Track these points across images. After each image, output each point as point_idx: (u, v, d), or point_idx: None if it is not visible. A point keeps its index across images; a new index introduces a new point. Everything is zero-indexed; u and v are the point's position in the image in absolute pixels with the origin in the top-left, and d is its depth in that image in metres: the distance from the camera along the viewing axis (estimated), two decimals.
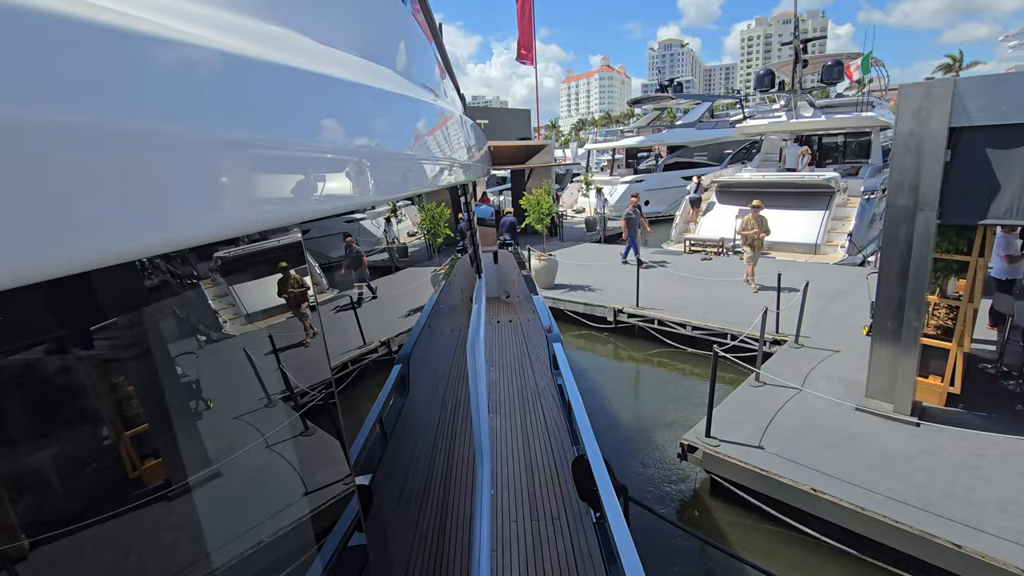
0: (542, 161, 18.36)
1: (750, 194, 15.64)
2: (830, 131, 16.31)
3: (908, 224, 5.15)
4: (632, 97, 29.50)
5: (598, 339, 9.95)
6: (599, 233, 18.31)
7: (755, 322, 7.72)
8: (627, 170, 25.34)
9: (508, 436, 4.15)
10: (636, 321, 9.46)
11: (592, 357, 9.60)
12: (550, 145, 18.55)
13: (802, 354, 7.23)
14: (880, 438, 5.17)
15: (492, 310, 7.47)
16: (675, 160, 24.10)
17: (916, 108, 5.00)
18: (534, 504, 3.36)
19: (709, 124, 25.10)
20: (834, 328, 7.94)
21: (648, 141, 24.56)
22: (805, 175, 14.52)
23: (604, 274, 11.81)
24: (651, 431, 6.86)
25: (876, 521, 4.13)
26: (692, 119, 24.92)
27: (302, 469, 0.89)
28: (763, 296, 9.58)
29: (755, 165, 17.50)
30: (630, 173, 24.48)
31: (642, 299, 9.57)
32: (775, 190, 14.82)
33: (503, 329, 6.60)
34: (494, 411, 4.49)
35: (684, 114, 26.71)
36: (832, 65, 15.33)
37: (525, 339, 6.20)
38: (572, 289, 11.08)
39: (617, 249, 16.04)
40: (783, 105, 16.56)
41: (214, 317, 0.75)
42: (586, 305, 10.17)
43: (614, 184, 23.33)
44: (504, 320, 6.87)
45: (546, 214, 10.84)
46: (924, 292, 5.16)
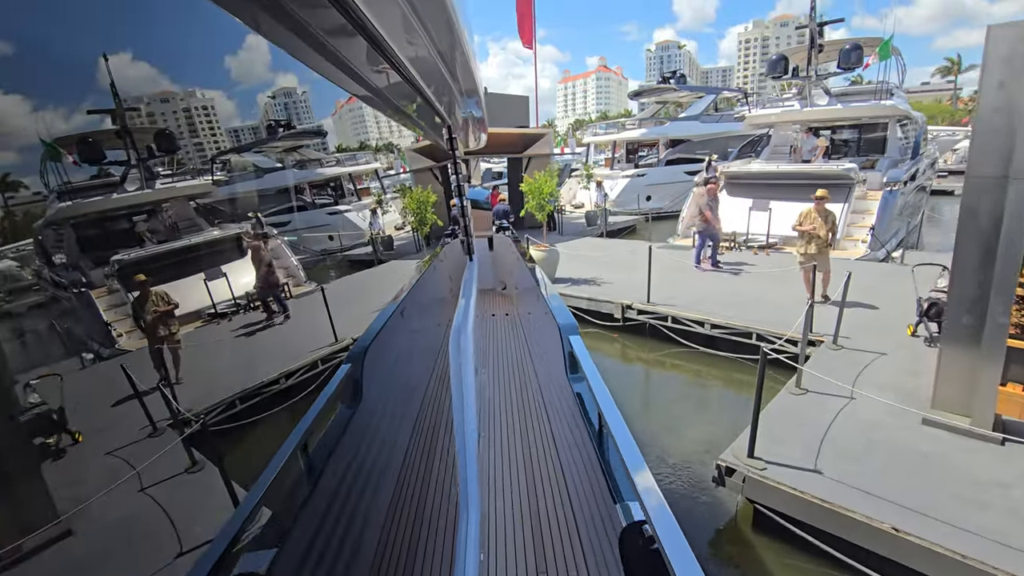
0: (540, 151, 17.39)
1: (761, 186, 14.77)
2: (845, 121, 15.41)
3: (996, 198, 4.21)
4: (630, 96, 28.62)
5: (604, 338, 8.98)
6: (600, 227, 17.36)
7: (786, 321, 6.79)
8: (627, 165, 24.42)
9: (504, 471, 2.94)
10: (647, 318, 8.50)
11: (597, 358, 8.62)
12: (549, 135, 17.57)
13: (842, 357, 6.29)
14: (958, 458, 4.23)
15: (486, 303, 6.50)
16: (678, 155, 23.20)
17: (1009, 54, 4.07)
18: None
19: (713, 117, 24.21)
20: (873, 327, 7.01)
21: (651, 134, 23.64)
22: (822, 166, 13.61)
23: (609, 267, 10.86)
24: (666, 445, 5.90)
25: (984, 574, 3.18)
26: (696, 112, 24.01)
27: None
28: (785, 291, 8.65)
29: (764, 158, 16.60)
30: (631, 167, 23.56)
31: (653, 294, 8.61)
32: (789, 182, 13.93)
33: (498, 324, 5.61)
34: (486, 434, 3.40)
35: (681, 109, 25.83)
36: (851, 49, 14.45)
37: (525, 335, 5.21)
38: (575, 283, 10.11)
39: (621, 244, 15.10)
40: (795, 94, 15.66)
41: None
42: (591, 300, 9.20)
43: (615, 178, 22.40)
44: (500, 314, 5.89)
45: (547, 200, 9.86)
46: (1015, 280, 4.22)
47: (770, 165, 14.56)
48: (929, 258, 9.62)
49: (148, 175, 12.91)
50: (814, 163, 14.57)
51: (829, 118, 15.13)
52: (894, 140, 15.52)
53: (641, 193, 21.72)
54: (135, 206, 12.31)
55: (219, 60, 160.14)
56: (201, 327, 10.17)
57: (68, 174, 12.63)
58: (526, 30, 19.05)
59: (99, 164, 12.92)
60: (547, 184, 9.71)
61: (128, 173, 12.15)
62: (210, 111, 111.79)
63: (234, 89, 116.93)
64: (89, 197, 11.83)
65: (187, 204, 13.10)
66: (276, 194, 18.82)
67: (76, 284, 10.49)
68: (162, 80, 69.21)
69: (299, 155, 21.77)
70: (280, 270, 12.70)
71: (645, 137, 23.89)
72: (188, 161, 9.57)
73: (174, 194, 13.00)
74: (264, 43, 2.21)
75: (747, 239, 12.91)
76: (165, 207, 12.63)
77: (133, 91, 23.21)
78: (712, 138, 23.70)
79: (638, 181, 22.24)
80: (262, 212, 18.38)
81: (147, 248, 11.63)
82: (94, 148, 12.00)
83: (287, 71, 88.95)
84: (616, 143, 25.07)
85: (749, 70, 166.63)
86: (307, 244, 15.95)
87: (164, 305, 6.62)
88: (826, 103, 15.08)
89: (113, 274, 10.52)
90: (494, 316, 5.74)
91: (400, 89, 1.93)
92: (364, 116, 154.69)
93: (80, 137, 12.37)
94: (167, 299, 6.67)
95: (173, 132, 13.80)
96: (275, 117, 64.64)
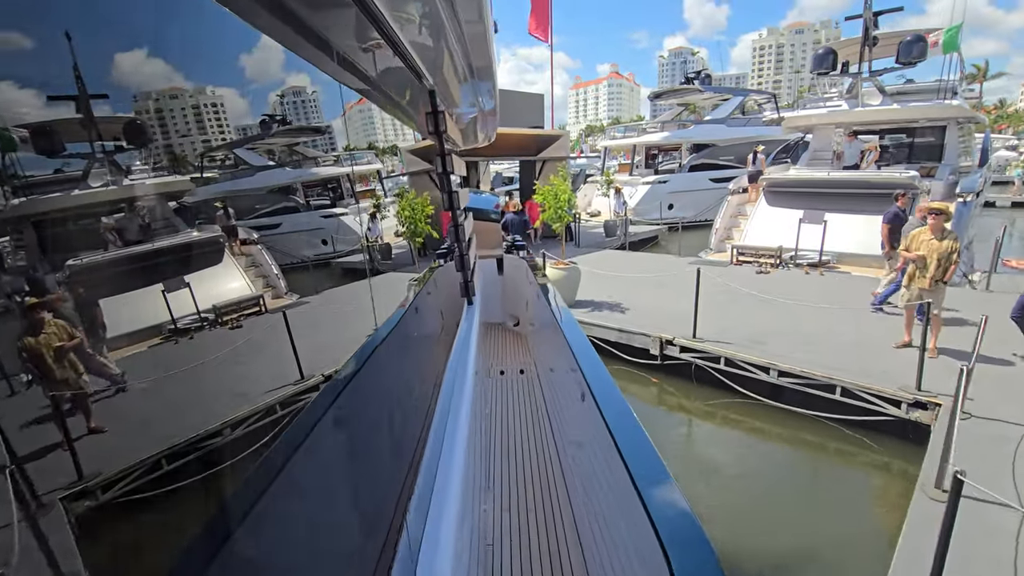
0: (556, 154, 15.81)
1: (806, 195, 13.07)
2: (901, 124, 13.67)
3: None
4: (642, 102, 26.95)
5: (636, 378, 7.33)
6: (620, 238, 15.74)
7: (869, 369, 5.13)
8: (647, 171, 22.78)
9: None
10: (693, 358, 6.84)
11: (630, 400, 6.99)
12: (565, 136, 16.01)
13: (978, 433, 4.61)
14: None
15: (491, 347, 4.90)
16: (702, 160, 21.54)
17: None
18: None
19: (740, 121, 22.53)
20: (1003, 382, 5.32)
21: (673, 137, 22.00)
22: (880, 173, 11.91)
23: (637, 288, 9.20)
24: (735, 546, 4.24)
25: None
26: (722, 114, 22.34)
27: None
28: (864, 328, 6.97)
29: (803, 164, 14.89)
30: (651, 174, 21.92)
31: (700, 326, 6.95)
32: (839, 191, 12.24)
33: (509, 386, 3.99)
34: None
35: (704, 112, 24.17)
36: (913, 41, 12.67)
37: (547, 408, 3.59)
38: (598, 308, 8.48)
39: (648, 259, 13.42)
40: (846, 91, 13.95)
41: None
42: (620, 331, 7.55)
43: (634, 185, 20.78)
44: (511, 369, 4.26)
45: (565, 209, 8.26)
46: None
47: (819, 172, 12.86)
48: (1018, 284, 7.91)
49: (115, 170, 11.38)
50: (865, 170, 12.87)
51: (884, 120, 13.41)
52: (953, 145, 13.77)
53: (663, 201, 20.08)
54: (97, 204, 10.82)
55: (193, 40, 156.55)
56: (136, 355, 8.64)
57: (22, 166, 11.19)
58: (542, 22, 17.53)
59: (59, 156, 11.48)
60: (563, 190, 8.10)
61: (91, 167, 10.68)
62: (185, 98, 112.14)
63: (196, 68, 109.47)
64: (46, 193, 10.39)
65: (163, 203, 11.64)
66: (267, 194, 17.39)
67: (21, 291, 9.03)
68: (132, 64, 64.79)
69: (294, 152, 20.39)
70: (260, 279, 11.15)
71: (667, 141, 22.26)
72: (165, 156, 8.84)
73: (146, 192, 11.50)
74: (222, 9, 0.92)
75: (795, 256, 11.22)
76: (134, 206, 11.16)
77: (103, 75, 21.41)
78: (739, 143, 22.05)
79: (659, 188, 20.60)
80: (251, 213, 16.93)
81: (106, 252, 10.08)
82: (53, 138, 10.56)
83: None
84: (636, 147, 23.43)
85: (763, 77, 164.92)
86: (296, 249, 14.48)
87: (61, 339, 5.07)
88: (879, 103, 13.37)
89: (65, 281, 9.06)
90: (503, 374, 4.12)
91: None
92: (371, 116, 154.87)
93: (38, 127, 10.94)
94: (68, 332, 5.12)
95: (144, 122, 12.22)
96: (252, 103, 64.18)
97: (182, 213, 14.89)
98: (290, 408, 6.21)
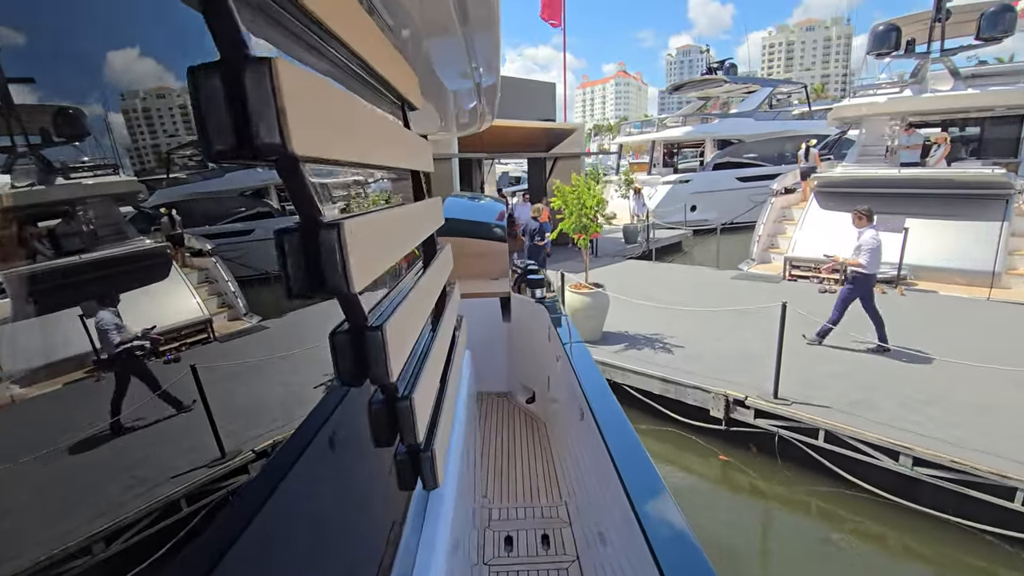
0: (569, 150, 13.96)
1: (863, 196, 11.13)
2: (975, 113, 11.68)
3: None
4: (650, 101, 25.03)
5: (691, 445, 5.45)
6: (642, 245, 13.85)
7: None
8: (665, 169, 20.84)
9: None
10: (776, 426, 4.94)
11: (681, 477, 5.11)
12: (581, 128, 14.15)
13: None
14: None
15: (493, 440, 3.07)
16: (727, 158, 19.59)
17: None
18: None
19: (769, 115, 20.56)
20: None
21: (696, 133, 20.04)
22: (967, 171, 9.96)
23: (674, 314, 7.27)
24: None
25: None
26: (750, 107, 20.37)
27: None
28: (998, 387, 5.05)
29: (852, 160, 12.92)
30: (670, 173, 19.99)
31: (782, 379, 5.04)
32: (909, 191, 10.30)
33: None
34: None
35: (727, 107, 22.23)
36: (998, 11, 10.61)
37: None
38: (632, 345, 6.58)
39: (680, 272, 11.48)
40: (910, 76, 11.98)
41: None
42: (666, 383, 5.64)
43: (654, 185, 18.85)
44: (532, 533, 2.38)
45: (591, 216, 6.39)
46: None
47: (885, 170, 10.89)
48: None
49: (45, 167, 9.52)
50: (936, 167, 10.92)
51: (960, 107, 11.42)
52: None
53: (686, 202, 18.15)
54: (21, 207, 9.04)
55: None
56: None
57: None
58: (555, 4, 15.68)
59: None
60: (587, 195, 6.24)
61: (14, 163, 8.90)
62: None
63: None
64: None
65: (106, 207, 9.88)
66: (238, 197, 15.65)
67: None
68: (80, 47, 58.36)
69: None
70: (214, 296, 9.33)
71: (689, 136, 20.29)
72: (116, 153, 7.38)
73: (82, 193, 9.68)
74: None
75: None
76: (74, 209, 9.39)
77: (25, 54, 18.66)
78: (767, 139, 20.09)
79: (681, 188, 18.66)
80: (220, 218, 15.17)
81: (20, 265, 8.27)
82: None
83: None
84: (654, 144, 21.48)
85: (773, 75, 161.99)
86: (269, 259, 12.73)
87: None
88: (950, 87, 11.39)
89: None
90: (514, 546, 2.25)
91: None
92: None
93: None
94: None
95: (79, 112, 10.36)
96: None
97: (135, 219, 12.68)
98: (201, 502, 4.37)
